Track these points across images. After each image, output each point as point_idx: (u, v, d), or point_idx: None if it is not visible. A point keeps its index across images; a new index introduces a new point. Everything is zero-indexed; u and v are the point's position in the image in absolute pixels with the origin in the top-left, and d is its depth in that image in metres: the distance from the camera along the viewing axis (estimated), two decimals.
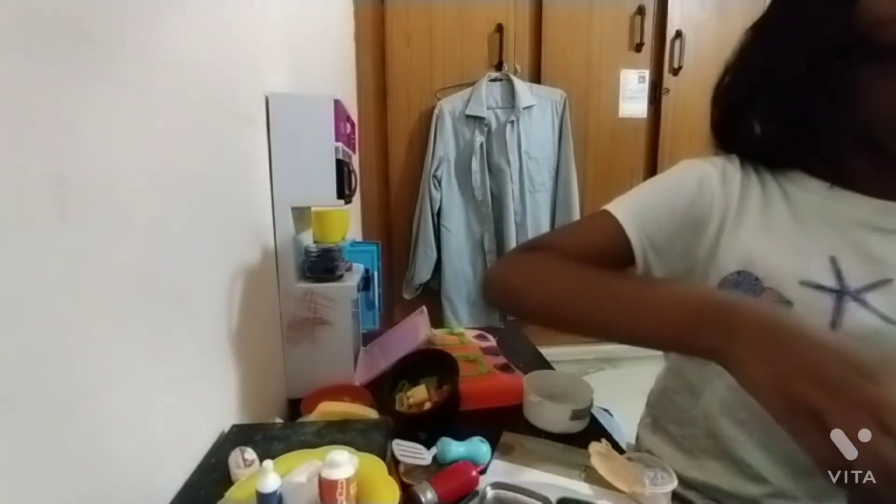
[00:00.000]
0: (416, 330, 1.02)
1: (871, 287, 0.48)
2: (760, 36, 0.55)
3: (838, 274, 0.49)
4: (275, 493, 0.46)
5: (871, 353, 0.32)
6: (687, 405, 0.62)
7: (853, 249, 0.49)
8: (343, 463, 0.46)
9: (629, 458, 0.64)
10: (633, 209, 0.58)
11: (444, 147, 2.20)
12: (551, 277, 0.54)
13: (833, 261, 0.49)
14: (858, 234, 0.49)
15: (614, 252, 0.57)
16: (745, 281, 0.52)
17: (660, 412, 0.68)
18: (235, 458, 0.56)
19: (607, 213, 0.58)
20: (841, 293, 0.48)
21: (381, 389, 0.81)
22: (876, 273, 0.48)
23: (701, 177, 0.56)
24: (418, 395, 0.79)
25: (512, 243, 2.21)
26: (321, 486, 0.46)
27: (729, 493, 0.58)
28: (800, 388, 0.31)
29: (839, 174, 0.52)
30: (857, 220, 0.50)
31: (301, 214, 0.96)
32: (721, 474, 0.58)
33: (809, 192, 0.52)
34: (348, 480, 0.46)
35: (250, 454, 0.57)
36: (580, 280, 0.51)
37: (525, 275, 0.57)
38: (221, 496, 0.51)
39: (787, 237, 0.51)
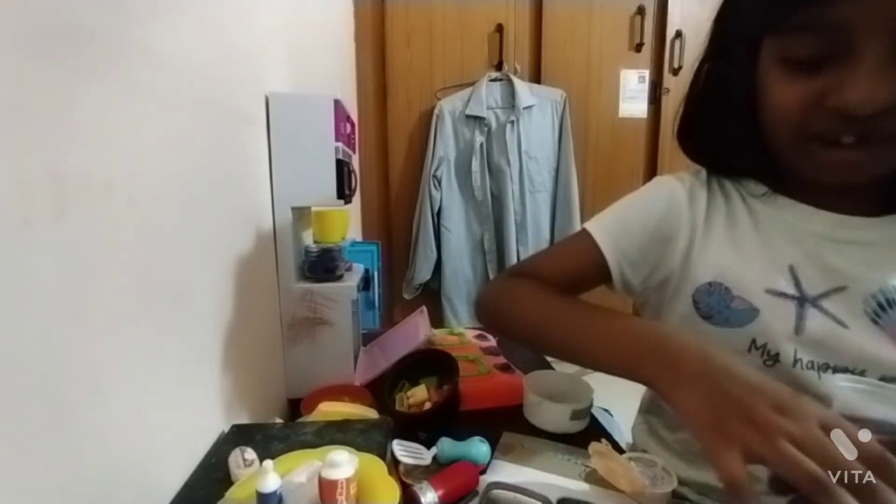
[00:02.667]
0: (416, 330, 1.02)
1: (827, 294, 0.50)
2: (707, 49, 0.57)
3: (797, 282, 0.51)
4: (275, 493, 0.46)
5: (782, 387, 0.37)
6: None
7: (810, 259, 0.52)
8: (343, 463, 0.46)
9: (629, 458, 0.64)
10: (607, 226, 0.62)
11: (444, 147, 2.20)
12: (529, 308, 0.60)
13: (792, 269, 0.52)
14: (815, 244, 0.52)
15: (591, 269, 0.61)
16: (717, 291, 0.54)
17: (652, 418, 0.69)
18: (235, 458, 0.56)
19: (584, 231, 0.62)
20: (801, 300, 0.51)
21: (381, 389, 0.81)
22: (831, 281, 0.50)
23: (669, 193, 0.60)
24: (418, 395, 0.79)
25: (512, 243, 2.21)
26: (321, 486, 0.46)
27: (723, 492, 0.58)
28: (734, 429, 0.36)
29: (783, 184, 0.55)
30: (814, 231, 0.52)
31: (301, 214, 0.96)
32: (713, 473, 0.59)
33: (768, 205, 0.55)
34: (348, 480, 0.46)
35: (250, 454, 0.57)
36: (552, 311, 0.57)
37: (508, 303, 0.62)
38: (221, 496, 0.51)
39: (751, 249, 0.54)
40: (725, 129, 0.54)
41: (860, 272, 0.50)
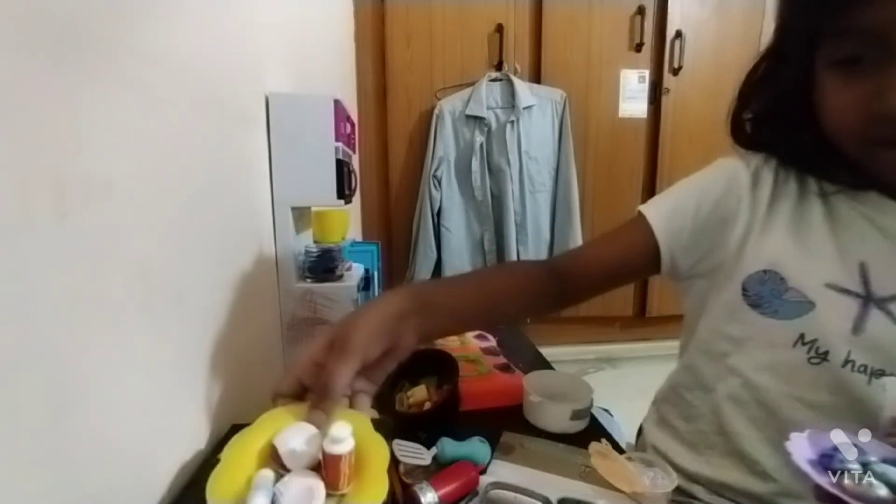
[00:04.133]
0: None
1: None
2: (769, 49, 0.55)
3: (865, 280, 0.49)
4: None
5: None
6: (697, 401, 0.62)
7: (886, 258, 0.49)
8: (346, 438, 0.47)
9: (629, 458, 0.64)
10: (661, 207, 0.60)
11: (444, 147, 2.20)
12: None
13: (862, 267, 0.49)
14: (893, 244, 0.49)
15: (639, 253, 0.60)
16: (771, 279, 0.52)
17: (668, 408, 0.68)
18: None
19: (639, 213, 0.61)
20: (866, 299, 0.48)
21: (381, 389, 0.80)
22: None
23: (731, 176, 0.57)
24: (418, 395, 0.79)
25: (512, 243, 2.21)
26: (326, 461, 0.47)
27: (735, 490, 0.58)
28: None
29: (866, 178, 0.51)
30: (895, 230, 0.49)
31: (301, 214, 0.96)
32: (728, 470, 0.58)
33: (849, 199, 0.52)
34: (350, 454, 0.47)
35: None
36: None
37: None
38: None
39: (818, 241, 0.52)
40: (795, 128, 0.52)
41: None
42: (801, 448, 0.35)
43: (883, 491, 0.31)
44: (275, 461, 0.48)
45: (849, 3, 0.41)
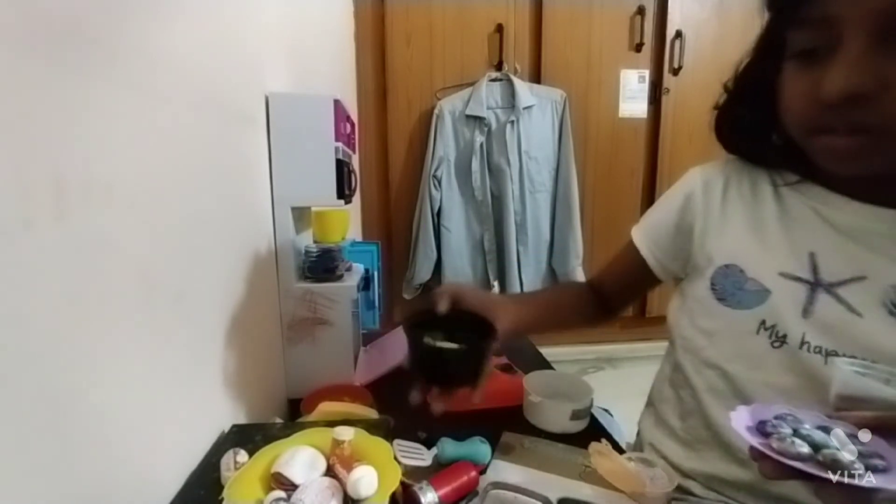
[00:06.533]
0: None
1: (845, 282, 0.52)
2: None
3: (815, 268, 0.53)
4: None
5: None
6: (688, 398, 0.64)
7: (833, 247, 0.53)
8: (348, 431, 0.53)
9: (629, 458, 0.64)
10: (642, 225, 0.71)
11: (444, 147, 2.20)
12: None
13: (812, 256, 0.54)
14: (840, 233, 0.53)
15: (636, 267, 0.70)
16: (732, 272, 0.58)
17: (663, 407, 0.69)
18: (227, 460, 0.56)
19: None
20: (814, 285, 0.53)
21: (417, 320, 0.65)
22: (852, 270, 0.52)
23: (687, 184, 0.65)
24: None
25: (512, 243, 2.21)
26: (333, 447, 0.52)
27: (725, 481, 0.59)
28: None
29: (814, 173, 0.55)
30: (840, 221, 0.53)
31: (301, 214, 0.96)
32: (717, 461, 0.60)
33: (798, 193, 0.57)
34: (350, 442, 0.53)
35: (242, 456, 0.56)
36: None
37: None
38: (221, 496, 0.51)
39: (772, 234, 0.57)
40: (756, 122, 0.56)
41: (883, 263, 0.50)
42: (741, 418, 0.40)
43: (804, 449, 0.36)
44: (279, 486, 0.50)
45: None
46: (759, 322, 0.55)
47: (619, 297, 0.78)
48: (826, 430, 0.38)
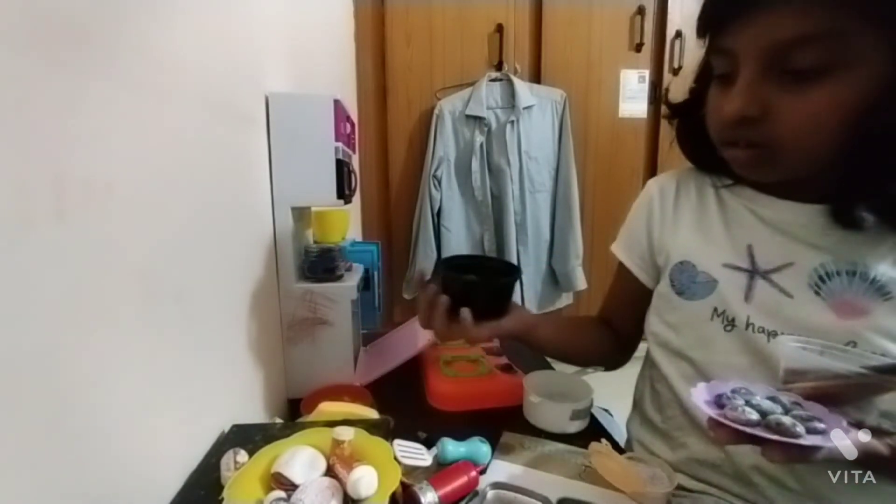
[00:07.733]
0: (416, 334, 1.02)
1: (778, 269, 0.58)
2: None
3: (752, 258, 0.60)
4: None
5: None
6: (663, 389, 0.68)
7: (766, 239, 0.60)
8: (348, 431, 0.54)
9: (629, 458, 0.64)
10: (620, 240, 0.77)
11: (444, 147, 2.20)
12: None
13: (749, 248, 0.61)
14: (771, 227, 0.60)
15: (628, 282, 0.74)
16: (686, 268, 0.65)
17: (645, 405, 0.72)
18: (227, 460, 0.56)
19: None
20: (752, 273, 0.60)
21: (444, 265, 0.70)
22: (782, 258, 0.58)
23: (647, 197, 0.73)
24: None
25: (512, 243, 2.21)
26: (334, 447, 0.52)
27: (704, 462, 0.62)
28: None
29: (743, 176, 0.62)
30: (770, 216, 0.60)
31: (301, 214, 0.96)
32: (695, 445, 0.63)
33: (735, 195, 0.64)
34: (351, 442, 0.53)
35: (242, 456, 0.57)
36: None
37: None
38: (221, 496, 0.51)
39: (715, 231, 0.64)
40: (698, 134, 0.63)
41: (807, 250, 0.57)
42: (699, 393, 0.46)
43: (754, 416, 0.42)
44: (279, 486, 0.50)
45: (720, 28, 0.53)
46: (711, 309, 0.61)
47: (627, 324, 0.79)
48: (774, 399, 0.44)
